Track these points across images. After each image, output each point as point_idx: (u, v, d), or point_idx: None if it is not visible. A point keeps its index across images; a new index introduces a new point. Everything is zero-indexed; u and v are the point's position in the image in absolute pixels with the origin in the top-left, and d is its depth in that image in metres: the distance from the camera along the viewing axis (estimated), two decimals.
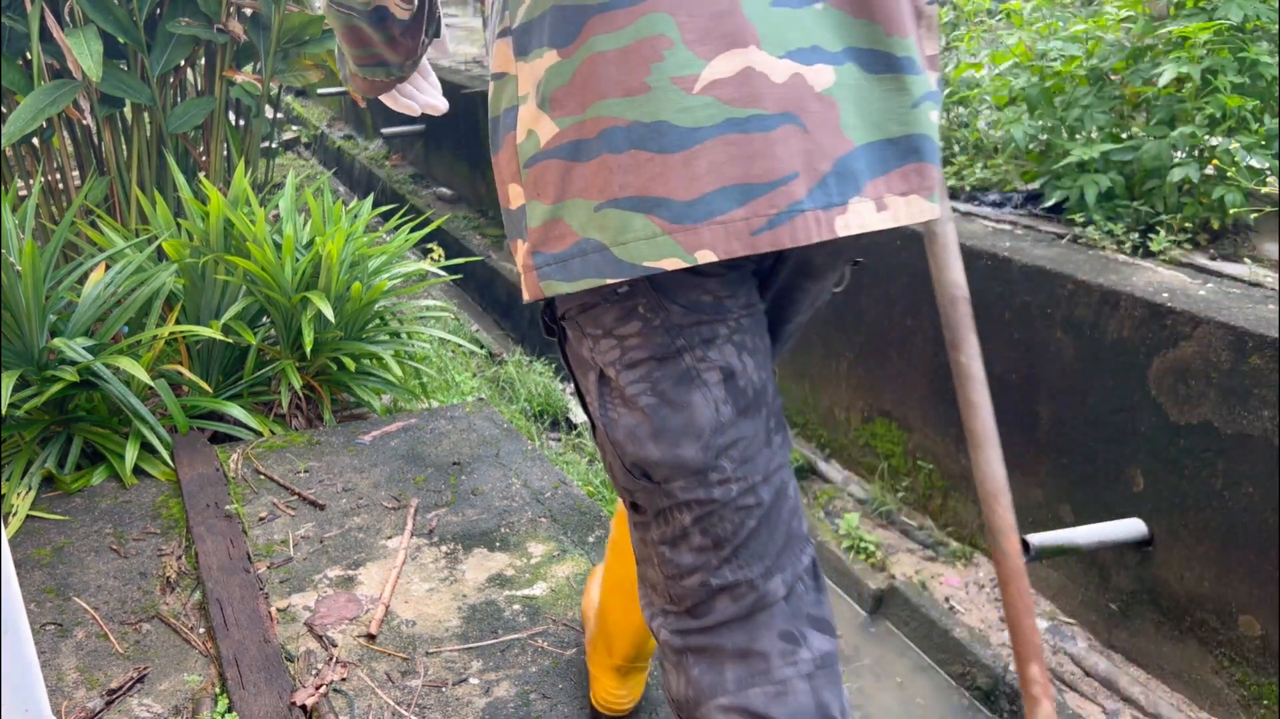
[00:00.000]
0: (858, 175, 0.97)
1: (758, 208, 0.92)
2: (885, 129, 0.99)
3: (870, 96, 0.98)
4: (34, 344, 2.50)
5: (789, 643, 1.04)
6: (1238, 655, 2.38)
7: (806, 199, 0.93)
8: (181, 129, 3.44)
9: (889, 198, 0.99)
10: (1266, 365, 2.25)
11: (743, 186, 0.93)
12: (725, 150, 0.92)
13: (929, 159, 1.02)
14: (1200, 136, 2.83)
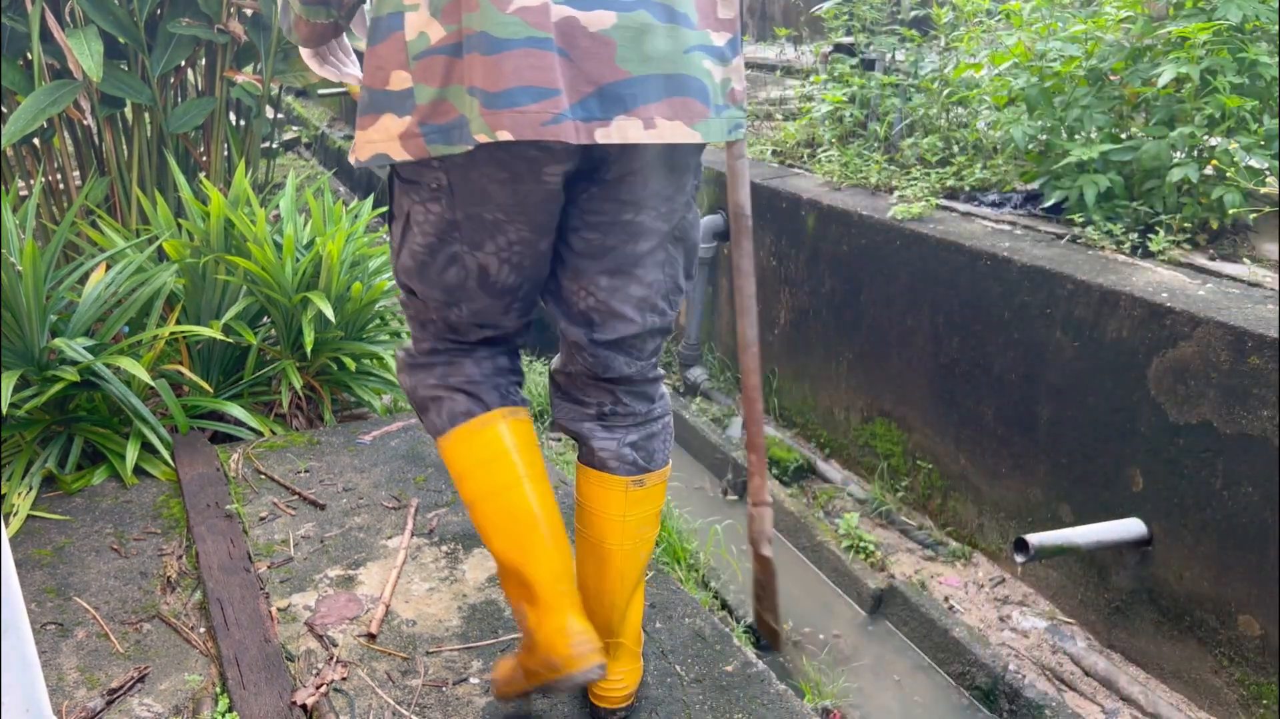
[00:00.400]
0: (626, 99, 1.28)
1: (546, 106, 1.24)
2: (661, 66, 1.30)
3: (654, 40, 1.29)
4: (35, 344, 2.50)
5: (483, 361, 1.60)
6: (1237, 655, 2.39)
7: (568, 111, 1.25)
8: (182, 129, 3.44)
9: (659, 120, 1.30)
10: (1266, 365, 2.25)
11: (536, 88, 1.24)
12: (525, 59, 1.23)
13: (694, 95, 1.33)
14: (1199, 137, 2.83)
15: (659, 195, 1.45)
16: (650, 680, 1.82)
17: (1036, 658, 2.68)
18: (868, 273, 3.39)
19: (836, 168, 3.84)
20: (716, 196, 4.13)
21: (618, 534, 1.60)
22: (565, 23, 1.25)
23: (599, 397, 1.60)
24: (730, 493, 3.62)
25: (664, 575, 2.13)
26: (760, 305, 3.99)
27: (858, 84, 4.05)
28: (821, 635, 2.89)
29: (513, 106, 1.23)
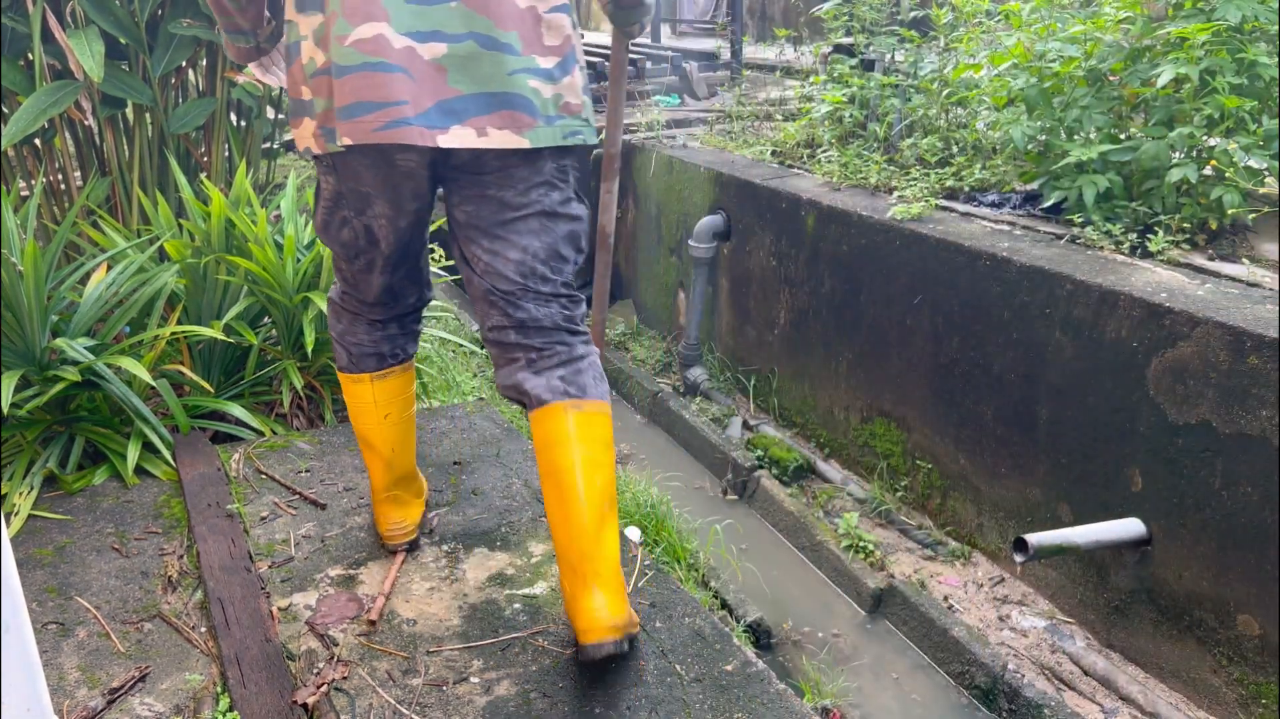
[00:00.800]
0: (460, 112, 1.63)
1: (383, 116, 1.60)
2: (488, 86, 1.64)
3: (481, 65, 1.63)
4: (36, 344, 2.50)
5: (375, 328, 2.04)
6: (1236, 654, 2.39)
7: (413, 119, 1.61)
8: (183, 129, 3.44)
9: (490, 129, 1.65)
10: (1265, 365, 2.25)
11: (375, 101, 1.60)
12: (367, 79, 1.60)
13: (521, 109, 1.67)
14: (1198, 137, 2.83)
15: (517, 178, 1.77)
16: (650, 680, 1.82)
17: (1036, 657, 2.68)
18: (867, 273, 3.39)
19: (836, 168, 3.84)
20: (716, 197, 4.14)
21: (568, 456, 1.77)
22: (406, 51, 1.61)
23: (523, 350, 1.84)
24: (730, 493, 3.62)
25: (664, 575, 2.14)
26: (760, 305, 4.00)
27: (857, 85, 4.06)
28: (821, 635, 2.89)
29: (350, 119, 1.63)
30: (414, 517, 2.22)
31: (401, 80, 1.60)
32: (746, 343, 4.14)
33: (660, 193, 4.56)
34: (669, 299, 4.62)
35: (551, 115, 1.72)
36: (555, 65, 1.72)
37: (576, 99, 1.75)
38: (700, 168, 4.22)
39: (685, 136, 4.76)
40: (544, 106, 1.70)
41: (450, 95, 1.63)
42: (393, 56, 1.60)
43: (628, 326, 4.89)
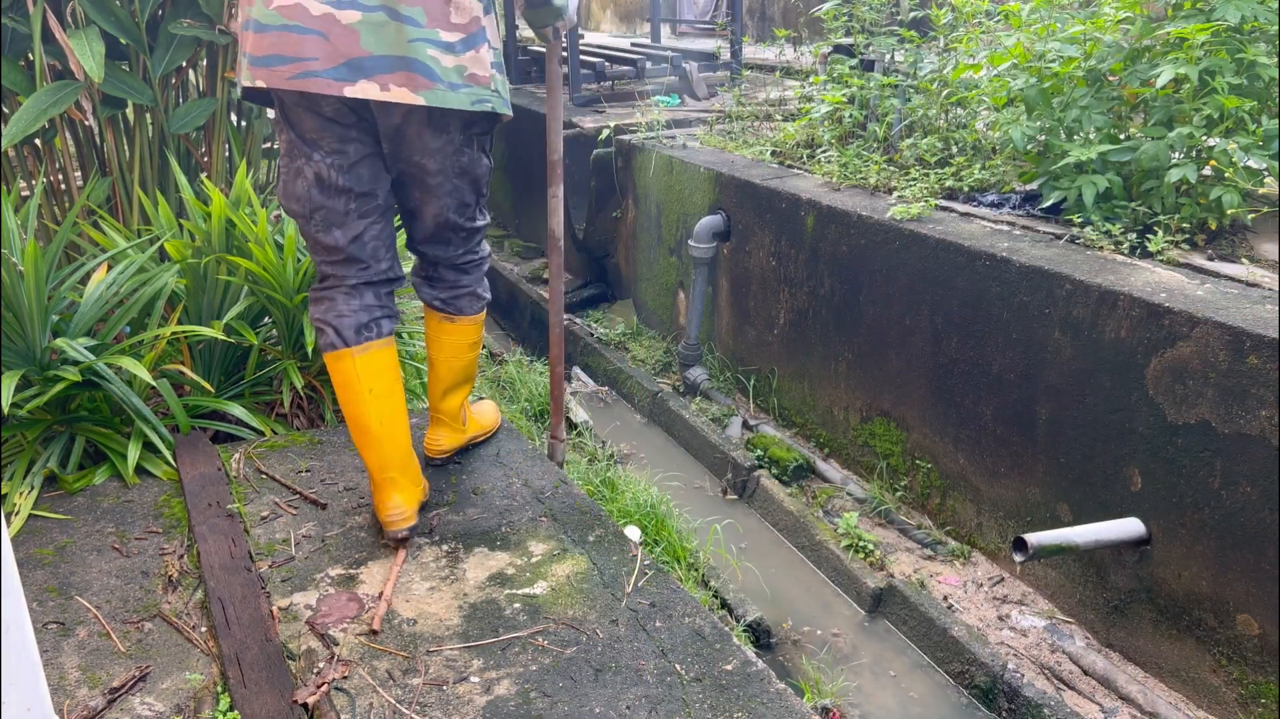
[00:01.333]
0: (367, 69, 1.94)
1: (294, 68, 1.94)
2: (391, 50, 1.95)
3: (387, 32, 1.94)
4: (36, 344, 2.51)
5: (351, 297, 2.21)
6: (1235, 654, 2.39)
7: (322, 72, 1.93)
8: (183, 130, 3.45)
9: (391, 86, 1.96)
10: (1264, 365, 2.26)
11: (287, 56, 1.94)
12: (282, 37, 1.94)
13: (419, 72, 1.97)
14: (1198, 137, 2.83)
15: (429, 146, 2.14)
16: (650, 680, 1.83)
17: (1035, 657, 2.68)
18: (867, 273, 3.39)
19: (836, 168, 3.85)
20: (716, 197, 4.14)
21: (435, 347, 2.47)
22: (325, 17, 1.94)
23: (428, 269, 2.41)
24: (730, 492, 3.63)
25: (664, 575, 2.14)
26: (760, 305, 4.00)
27: (857, 85, 4.06)
28: (821, 634, 2.89)
29: (267, 67, 1.96)
30: (412, 502, 2.26)
31: (315, 40, 1.94)
32: (746, 343, 4.14)
33: (660, 193, 4.56)
34: (669, 299, 4.63)
35: (455, 83, 2.03)
36: (459, 41, 2.02)
37: (483, 71, 2.06)
38: (700, 168, 4.23)
39: (685, 137, 4.77)
40: (445, 74, 2.01)
41: (360, 55, 1.96)
42: (310, 22, 1.94)
43: (628, 326, 4.89)
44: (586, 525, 2.32)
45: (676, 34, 9.37)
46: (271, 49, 1.96)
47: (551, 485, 2.50)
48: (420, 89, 1.99)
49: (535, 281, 5.44)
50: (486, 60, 2.06)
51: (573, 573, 2.14)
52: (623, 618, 1.99)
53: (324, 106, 2.06)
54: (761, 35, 8.90)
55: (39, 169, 3.58)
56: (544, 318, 5.07)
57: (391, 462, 2.24)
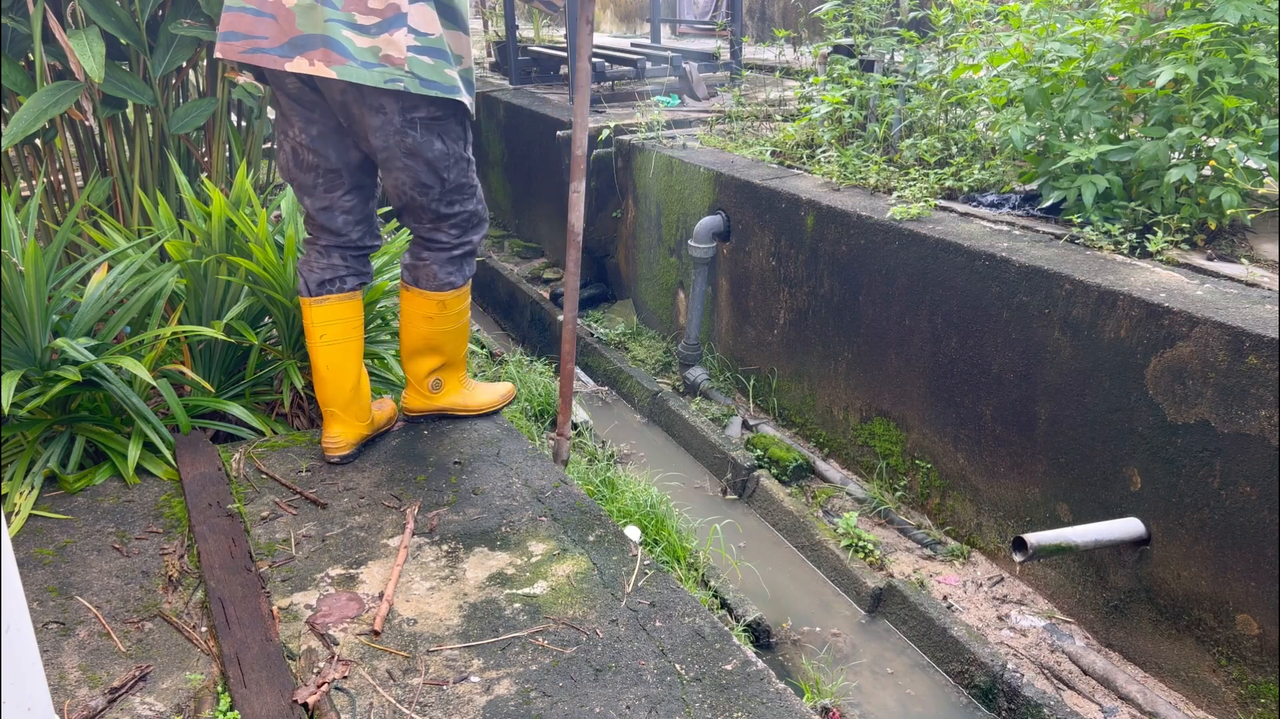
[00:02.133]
0: (300, 47, 2.24)
1: (246, 44, 2.28)
2: (316, 29, 2.23)
3: (314, 14, 2.23)
4: (37, 344, 2.51)
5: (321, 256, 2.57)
6: (1235, 654, 2.40)
7: (269, 49, 2.26)
8: (183, 130, 3.45)
9: (316, 61, 2.24)
10: (1264, 365, 2.26)
11: (241, 33, 2.28)
12: (239, 16, 2.28)
13: (334, 49, 2.23)
14: (1197, 137, 2.84)
15: (370, 124, 2.39)
16: (650, 679, 1.83)
17: (1035, 657, 2.69)
18: (866, 273, 3.40)
19: (835, 168, 3.85)
20: (716, 197, 4.14)
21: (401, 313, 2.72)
22: (274, 2, 2.27)
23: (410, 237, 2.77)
24: (730, 492, 3.63)
25: (664, 575, 2.14)
26: (760, 305, 4.00)
27: (857, 85, 4.06)
28: (820, 634, 2.90)
29: (226, 41, 2.32)
30: (349, 434, 2.65)
31: (267, 22, 2.29)
32: (746, 343, 4.14)
33: (660, 193, 4.56)
34: (669, 299, 4.63)
35: (369, 62, 2.29)
36: (373, 25, 2.29)
37: (399, 54, 2.30)
38: (700, 168, 4.23)
39: (685, 137, 4.77)
40: (358, 53, 2.28)
41: (296, 34, 2.28)
42: (265, 6, 2.28)
43: (628, 326, 4.89)
44: (586, 525, 2.32)
45: (676, 34, 9.37)
46: (231, 26, 2.33)
47: (551, 485, 2.50)
48: (334, 64, 2.27)
49: (535, 281, 5.44)
50: (402, 44, 2.29)
51: (573, 573, 2.14)
52: (623, 618, 2.00)
53: (287, 84, 2.40)
54: (761, 35, 8.90)
55: (39, 169, 3.58)
56: (544, 318, 5.07)
57: (335, 400, 2.62)
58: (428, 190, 2.52)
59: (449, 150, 2.51)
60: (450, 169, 2.53)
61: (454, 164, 2.54)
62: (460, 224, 2.62)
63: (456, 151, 2.53)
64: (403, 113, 2.38)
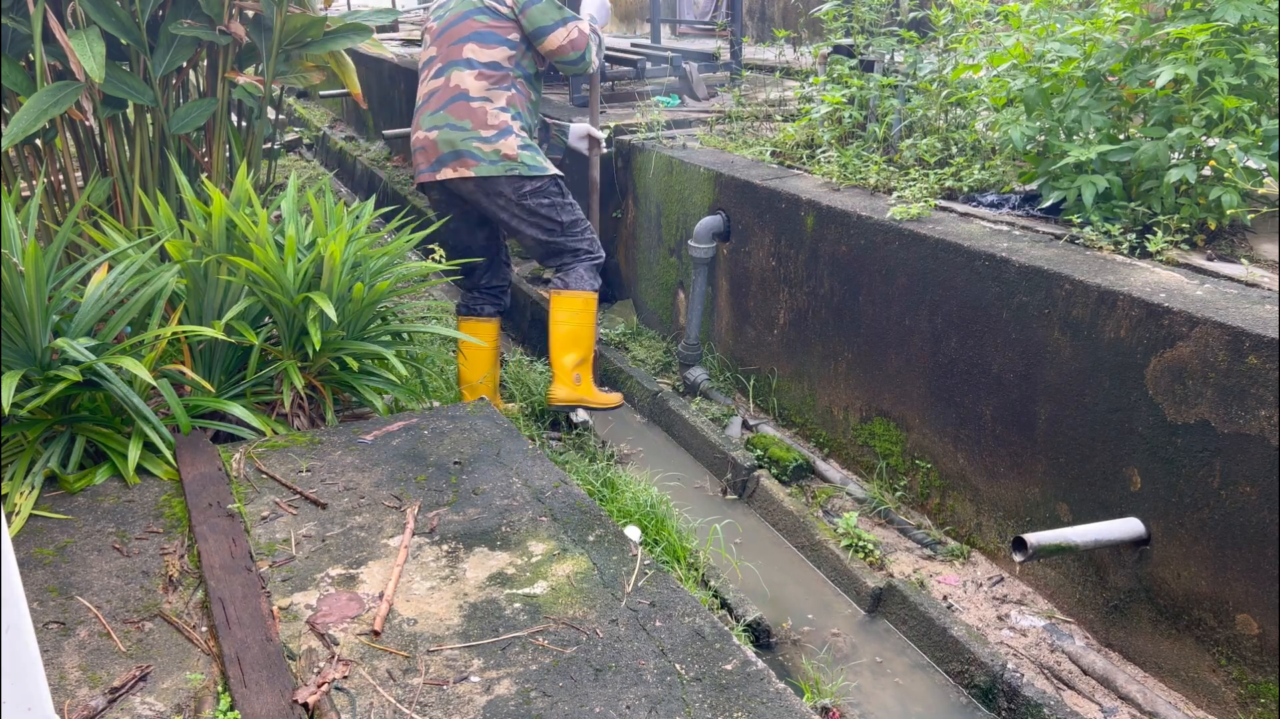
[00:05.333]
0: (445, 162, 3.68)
1: (423, 172, 3.77)
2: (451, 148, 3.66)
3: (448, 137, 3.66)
4: (37, 344, 2.51)
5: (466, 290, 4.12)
6: (1235, 654, 2.40)
7: (427, 169, 3.73)
8: (183, 130, 3.45)
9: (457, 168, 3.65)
10: (1264, 365, 2.26)
11: (422, 168, 3.78)
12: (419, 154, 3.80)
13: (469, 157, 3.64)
14: (1197, 137, 2.84)
15: (491, 203, 3.70)
16: (650, 679, 1.83)
17: (1035, 657, 2.69)
18: (866, 273, 3.40)
19: (835, 169, 3.85)
20: (716, 197, 4.14)
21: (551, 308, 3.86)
22: (425, 137, 3.71)
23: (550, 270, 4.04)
24: (730, 492, 3.63)
25: (664, 574, 2.14)
26: (760, 305, 4.00)
27: (856, 85, 4.06)
28: (820, 634, 2.90)
29: (418, 171, 3.79)
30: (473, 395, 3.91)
31: (423, 155, 3.73)
32: (746, 343, 4.14)
33: (660, 193, 4.56)
34: (669, 299, 4.63)
35: (493, 160, 3.62)
36: (493, 134, 3.64)
37: (511, 151, 3.63)
38: (700, 168, 4.23)
39: (685, 137, 4.77)
40: (485, 156, 3.62)
41: (440, 154, 3.66)
42: (422, 143, 3.72)
43: (628, 326, 4.89)
44: (586, 525, 2.32)
45: (676, 34, 9.37)
46: (416, 163, 3.76)
47: (551, 485, 2.50)
48: (471, 168, 3.62)
49: (535, 282, 5.44)
50: (515, 145, 3.63)
51: (573, 573, 2.14)
52: (623, 618, 2.00)
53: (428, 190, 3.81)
54: (761, 36, 8.90)
55: (39, 169, 3.58)
56: (544, 318, 5.07)
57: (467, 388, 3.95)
58: (549, 233, 3.73)
59: (553, 203, 3.71)
60: (560, 213, 3.73)
61: (561, 209, 3.73)
62: (588, 248, 3.82)
63: (559, 202, 3.73)
64: (515, 190, 3.64)
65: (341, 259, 2.86)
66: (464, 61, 3.65)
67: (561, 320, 3.78)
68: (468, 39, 3.66)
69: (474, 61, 3.65)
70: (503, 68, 3.67)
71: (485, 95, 3.63)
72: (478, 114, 3.60)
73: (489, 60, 3.66)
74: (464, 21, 3.68)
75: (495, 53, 3.66)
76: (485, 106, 3.62)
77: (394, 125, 7.78)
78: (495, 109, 3.62)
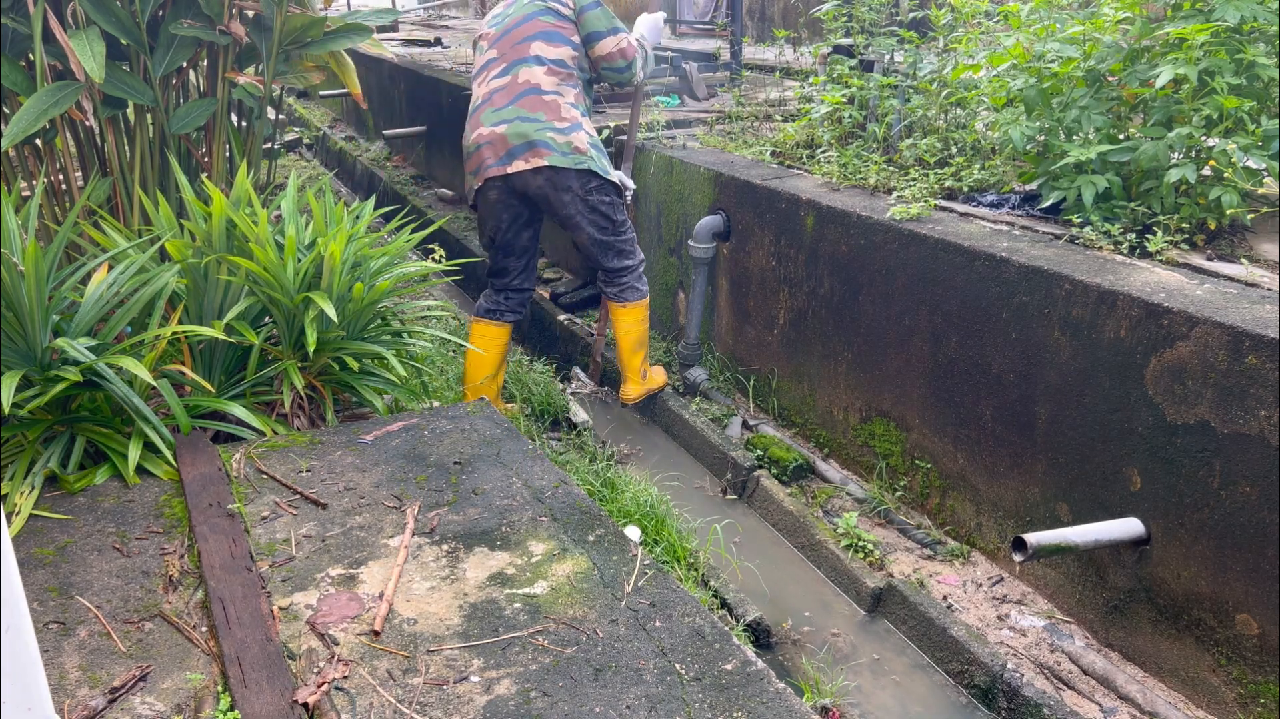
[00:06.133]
0: (515, 154, 3.68)
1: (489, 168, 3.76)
2: (523, 140, 3.67)
3: (521, 128, 3.67)
4: (37, 344, 2.51)
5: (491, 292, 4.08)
6: (1235, 654, 2.40)
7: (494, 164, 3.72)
8: (184, 130, 3.45)
9: (530, 159, 3.66)
10: (1263, 365, 2.26)
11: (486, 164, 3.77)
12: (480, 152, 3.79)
13: (541, 148, 3.66)
14: (1197, 137, 2.84)
15: (558, 196, 3.72)
16: (650, 679, 1.83)
17: (1035, 656, 2.69)
18: (866, 273, 3.40)
19: (835, 169, 3.85)
20: (716, 197, 4.14)
21: (615, 320, 4.03)
22: (490, 132, 3.71)
23: (600, 275, 4.01)
24: (730, 492, 3.63)
25: (664, 574, 2.14)
26: (759, 305, 4.00)
27: (856, 85, 4.06)
28: (820, 634, 2.90)
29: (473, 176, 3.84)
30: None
31: (488, 151, 3.72)
32: (746, 343, 4.14)
33: (660, 193, 4.57)
34: (669, 299, 4.63)
35: (566, 152, 3.65)
36: (566, 127, 3.68)
37: (583, 145, 3.68)
38: (700, 168, 4.23)
39: (685, 137, 4.77)
40: (557, 147, 3.64)
41: (510, 146, 3.67)
42: (489, 138, 3.72)
43: None
44: (586, 525, 2.32)
45: (676, 34, 9.37)
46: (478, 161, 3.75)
47: (551, 485, 2.50)
48: (545, 158, 3.63)
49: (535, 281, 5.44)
50: (586, 140, 3.70)
51: (573, 573, 2.14)
52: (623, 618, 2.00)
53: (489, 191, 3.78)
54: (761, 36, 8.90)
55: (40, 169, 3.58)
56: (544, 318, 5.08)
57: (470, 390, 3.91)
58: (606, 231, 3.82)
59: (612, 202, 3.81)
60: (616, 212, 3.84)
61: (616, 209, 3.84)
62: (632, 251, 3.94)
63: (616, 202, 3.84)
64: (583, 186, 3.71)
65: (341, 259, 2.86)
66: (533, 58, 3.71)
67: (625, 330, 3.95)
68: (535, 37, 3.74)
69: (543, 58, 3.71)
70: (568, 66, 3.76)
71: (557, 89, 3.69)
72: (551, 106, 3.64)
73: (556, 57, 3.73)
74: (530, 21, 3.78)
75: (561, 51, 3.75)
76: (558, 100, 3.67)
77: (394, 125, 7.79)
78: (567, 104, 3.68)
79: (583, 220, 3.72)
